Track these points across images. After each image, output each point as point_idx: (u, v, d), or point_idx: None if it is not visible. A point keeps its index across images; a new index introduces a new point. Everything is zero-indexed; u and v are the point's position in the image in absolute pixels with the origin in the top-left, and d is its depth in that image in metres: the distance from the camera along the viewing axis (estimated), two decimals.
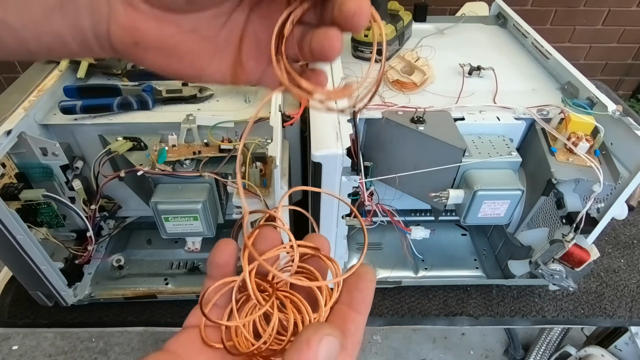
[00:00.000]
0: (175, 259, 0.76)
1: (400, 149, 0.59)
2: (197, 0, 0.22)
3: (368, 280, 0.24)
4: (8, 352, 1.37)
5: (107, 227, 0.74)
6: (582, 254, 0.57)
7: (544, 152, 0.56)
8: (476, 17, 0.91)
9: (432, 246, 0.78)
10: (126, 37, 0.22)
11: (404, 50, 0.73)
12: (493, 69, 0.68)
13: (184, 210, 0.57)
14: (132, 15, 0.22)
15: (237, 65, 0.25)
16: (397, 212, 0.68)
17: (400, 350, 1.41)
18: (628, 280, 0.77)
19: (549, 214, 0.63)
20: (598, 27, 1.88)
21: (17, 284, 0.70)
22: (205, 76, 0.25)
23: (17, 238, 0.53)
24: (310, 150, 0.48)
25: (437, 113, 0.59)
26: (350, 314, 0.23)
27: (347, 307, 0.24)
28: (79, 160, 0.61)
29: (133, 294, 0.70)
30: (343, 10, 0.20)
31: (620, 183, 0.54)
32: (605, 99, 0.57)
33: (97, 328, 0.71)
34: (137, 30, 0.22)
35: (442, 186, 0.58)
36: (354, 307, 0.23)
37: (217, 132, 0.58)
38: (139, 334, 1.43)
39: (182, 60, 0.24)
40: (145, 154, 0.57)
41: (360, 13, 0.20)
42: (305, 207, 0.64)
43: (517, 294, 0.74)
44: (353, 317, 0.23)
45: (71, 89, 0.58)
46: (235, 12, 0.24)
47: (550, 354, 1.20)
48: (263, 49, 0.24)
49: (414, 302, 0.73)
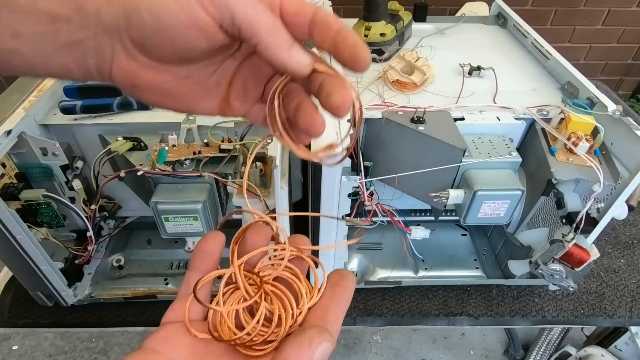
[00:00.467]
0: (175, 259, 0.76)
1: (400, 149, 0.59)
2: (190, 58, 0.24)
3: (349, 280, 0.26)
4: (8, 352, 1.37)
5: (107, 227, 0.74)
6: (582, 254, 0.57)
7: (544, 152, 0.56)
8: (476, 17, 0.91)
9: (432, 246, 0.78)
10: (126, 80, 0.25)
11: (404, 50, 0.73)
12: (493, 69, 0.68)
13: (184, 210, 0.57)
14: (133, 64, 0.24)
15: (224, 103, 0.28)
16: (397, 212, 0.68)
17: (400, 350, 1.41)
18: (628, 280, 0.77)
19: (549, 214, 0.63)
20: (598, 27, 1.88)
21: (17, 284, 0.70)
22: (194, 111, 0.28)
23: (17, 238, 0.53)
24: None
25: (437, 113, 0.59)
26: (332, 305, 0.25)
27: (328, 299, 0.26)
28: (79, 160, 0.61)
29: (133, 294, 0.70)
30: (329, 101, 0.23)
31: (620, 183, 0.54)
32: (605, 99, 0.57)
33: (97, 328, 0.71)
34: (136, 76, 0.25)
35: (442, 186, 0.58)
36: (335, 300, 0.25)
37: (217, 132, 0.58)
38: (139, 334, 1.42)
39: (176, 100, 0.27)
40: (145, 154, 0.57)
41: (344, 106, 0.23)
42: (305, 207, 0.64)
43: (517, 294, 0.74)
44: (334, 307, 0.25)
45: (71, 89, 0.58)
46: (227, 60, 0.26)
47: (550, 354, 1.20)
48: (249, 92, 0.27)
49: (414, 302, 0.73)
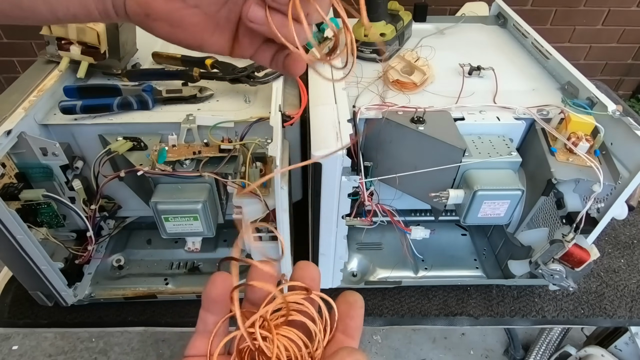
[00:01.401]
0: (175, 259, 0.76)
1: (400, 149, 0.59)
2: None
3: (358, 307, 0.26)
4: (8, 352, 1.37)
5: (107, 227, 0.74)
6: (582, 254, 0.57)
7: (544, 152, 0.56)
8: (476, 17, 0.91)
9: (432, 246, 0.78)
10: (138, 9, 0.26)
11: (404, 50, 0.73)
12: (493, 69, 0.68)
13: (184, 210, 0.57)
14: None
15: (234, 40, 0.29)
16: (397, 212, 0.68)
17: (400, 350, 1.41)
18: (628, 280, 0.77)
19: (549, 214, 0.63)
20: (598, 27, 1.88)
21: (17, 284, 0.70)
22: (205, 46, 0.29)
23: (17, 238, 0.53)
24: (310, 150, 0.48)
25: (437, 113, 0.59)
26: (346, 340, 0.26)
27: (342, 334, 0.26)
28: (79, 160, 0.61)
29: (133, 294, 0.70)
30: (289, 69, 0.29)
31: (620, 183, 0.54)
32: (605, 99, 0.57)
33: (97, 328, 0.71)
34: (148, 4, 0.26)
35: (442, 186, 0.58)
36: (348, 334, 0.26)
37: (217, 132, 0.58)
38: (139, 334, 1.42)
39: (186, 31, 0.27)
40: (145, 154, 0.57)
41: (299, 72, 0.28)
42: (305, 207, 0.64)
43: (517, 294, 0.74)
44: (348, 343, 0.26)
45: (71, 89, 0.58)
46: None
47: (550, 354, 1.20)
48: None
49: (414, 302, 0.73)
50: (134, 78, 0.63)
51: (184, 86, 0.61)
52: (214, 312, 0.26)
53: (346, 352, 0.22)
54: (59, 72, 0.62)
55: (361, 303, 0.26)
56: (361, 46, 0.71)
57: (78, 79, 0.63)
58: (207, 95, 0.61)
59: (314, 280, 0.27)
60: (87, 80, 0.65)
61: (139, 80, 0.63)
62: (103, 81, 0.64)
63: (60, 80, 0.61)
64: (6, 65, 1.84)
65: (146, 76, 0.63)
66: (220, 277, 0.26)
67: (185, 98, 0.60)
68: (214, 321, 0.26)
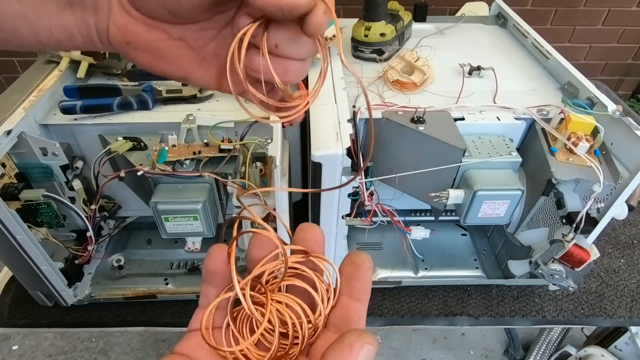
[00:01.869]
0: (175, 259, 0.76)
1: (400, 149, 0.59)
2: (180, 14, 0.24)
3: (365, 269, 0.24)
4: (8, 352, 1.37)
5: (107, 227, 0.74)
6: (582, 254, 0.57)
7: (544, 152, 0.56)
8: (476, 17, 0.91)
9: (432, 246, 0.78)
10: (120, 36, 0.25)
11: (404, 50, 0.73)
12: (493, 69, 0.68)
13: (184, 210, 0.57)
14: (126, 18, 0.25)
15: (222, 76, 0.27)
16: (397, 212, 0.68)
17: (400, 350, 1.41)
18: (628, 280, 0.77)
19: (549, 214, 0.63)
20: (598, 27, 1.88)
21: (17, 284, 0.70)
22: (190, 79, 0.28)
23: (17, 238, 0.53)
24: (310, 150, 0.48)
25: (437, 113, 0.59)
26: (352, 304, 0.24)
27: (347, 297, 0.24)
28: (79, 160, 0.61)
29: (133, 294, 0.70)
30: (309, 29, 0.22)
31: (620, 183, 0.54)
32: (605, 99, 0.57)
33: (97, 328, 0.71)
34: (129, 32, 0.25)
35: (442, 186, 0.58)
36: (355, 297, 0.24)
37: (217, 132, 0.58)
38: (139, 334, 1.43)
39: (169, 63, 0.26)
40: (145, 154, 0.57)
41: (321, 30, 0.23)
42: (305, 207, 0.64)
43: (517, 294, 0.74)
44: (355, 306, 0.24)
45: (71, 89, 0.58)
46: (225, 29, 0.26)
47: (550, 354, 1.20)
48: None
49: (414, 302, 0.73)
50: (134, 78, 0.63)
51: (184, 86, 0.61)
52: (215, 285, 0.26)
53: (355, 336, 0.19)
54: (59, 72, 0.62)
55: (368, 264, 0.24)
56: (361, 46, 0.71)
57: (78, 79, 0.64)
58: (207, 95, 0.62)
59: (316, 242, 0.26)
60: (87, 80, 0.65)
61: (139, 80, 0.63)
62: (103, 81, 0.64)
63: (60, 80, 0.61)
64: (6, 65, 1.84)
65: (146, 76, 0.63)
66: (218, 248, 0.26)
67: (185, 98, 0.60)
68: (215, 294, 0.26)
